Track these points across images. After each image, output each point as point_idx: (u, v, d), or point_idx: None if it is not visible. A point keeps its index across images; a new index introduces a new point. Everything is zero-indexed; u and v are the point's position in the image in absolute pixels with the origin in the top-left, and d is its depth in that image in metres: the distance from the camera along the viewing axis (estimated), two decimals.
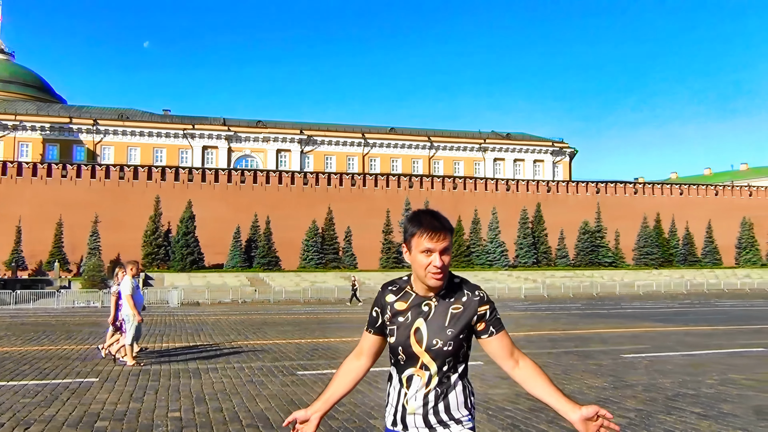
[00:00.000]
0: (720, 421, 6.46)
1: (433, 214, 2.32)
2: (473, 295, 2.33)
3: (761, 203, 78.33)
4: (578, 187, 74.14)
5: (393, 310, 2.39)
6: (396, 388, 2.39)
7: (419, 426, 2.31)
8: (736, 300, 37.70)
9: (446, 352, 2.28)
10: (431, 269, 2.27)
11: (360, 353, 2.55)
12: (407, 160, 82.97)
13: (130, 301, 10.28)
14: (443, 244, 2.27)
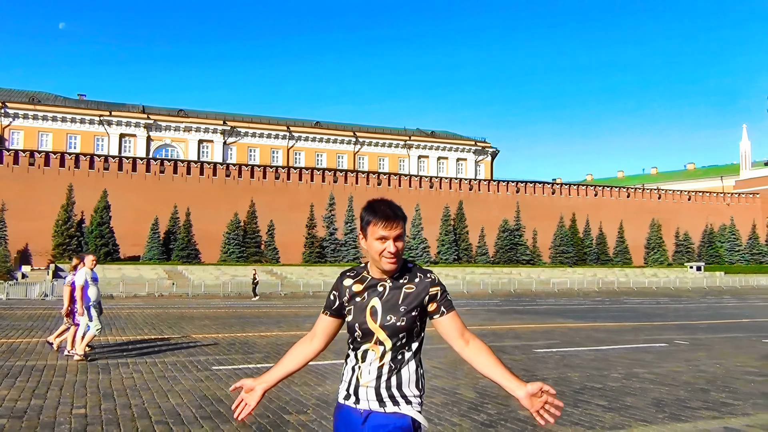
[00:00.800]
0: (623, 413, 6.74)
1: (387, 204, 2.47)
2: (425, 277, 2.48)
3: (669, 206, 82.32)
4: (499, 186, 75.84)
5: (351, 292, 2.52)
6: (351, 364, 2.50)
7: (370, 399, 2.41)
8: (643, 298, 39.51)
9: (399, 328, 2.40)
10: (386, 254, 2.42)
11: (313, 335, 2.67)
12: (332, 155, 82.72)
13: (78, 293, 10.10)
14: (396, 232, 2.42)
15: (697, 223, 79.79)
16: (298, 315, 21.68)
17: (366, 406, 2.43)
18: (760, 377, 9.18)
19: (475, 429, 5.99)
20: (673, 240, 77.76)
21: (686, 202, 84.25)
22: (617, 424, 6.26)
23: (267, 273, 52.16)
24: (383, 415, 2.40)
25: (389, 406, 2.40)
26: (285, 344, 12.60)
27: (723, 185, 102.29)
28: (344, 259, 61.77)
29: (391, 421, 2.39)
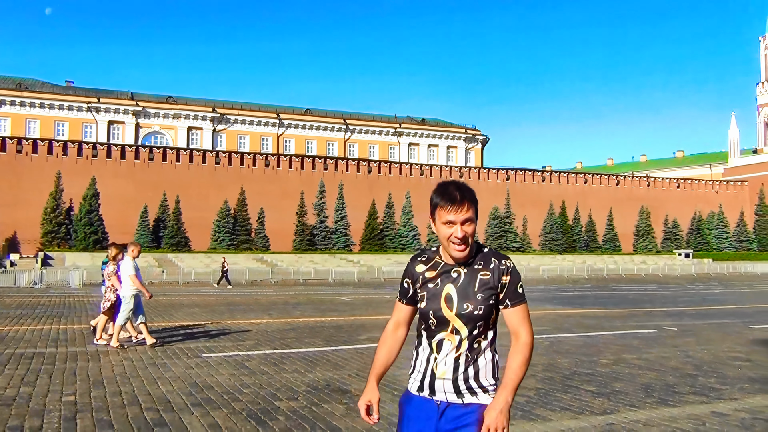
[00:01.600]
0: (612, 398, 6.79)
1: (457, 186, 2.39)
2: (500, 263, 2.40)
3: (658, 194, 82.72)
4: (489, 173, 75.94)
5: (423, 278, 2.44)
6: (425, 353, 2.43)
7: (448, 391, 2.36)
8: (632, 284, 39.78)
9: (477, 317, 2.34)
10: (453, 240, 2.35)
11: (398, 324, 2.59)
12: (322, 142, 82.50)
13: (135, 281, 10.20)
14: (465, 216, 2.34)
15: (685, 211, 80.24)
16: (288, 303, 21.68)
17: (443, 398, 2.38)
18: (747, 362, 9.27)
19: None
20: (662, 227, 78.20)
21: (675, 189, 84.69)
22: (606, 409, 6.30)
23: (257, 261, 52.08)
24: (461, 408, 2.36)
25: (467, 397, 2.36)
26: (275, 331, 12.60)
27: (711, 173, 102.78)
28: (335, 246, 61.78)
29: (470, 413, 2.35)
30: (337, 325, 13.87)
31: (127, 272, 10.28)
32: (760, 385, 7.55)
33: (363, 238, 63.90)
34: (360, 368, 8.50)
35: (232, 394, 6.84)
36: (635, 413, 6.12)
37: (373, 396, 2.56)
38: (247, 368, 8.45)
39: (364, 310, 18.56)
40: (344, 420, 5.82)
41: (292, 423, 5.69)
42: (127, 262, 10.40)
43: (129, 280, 10.24)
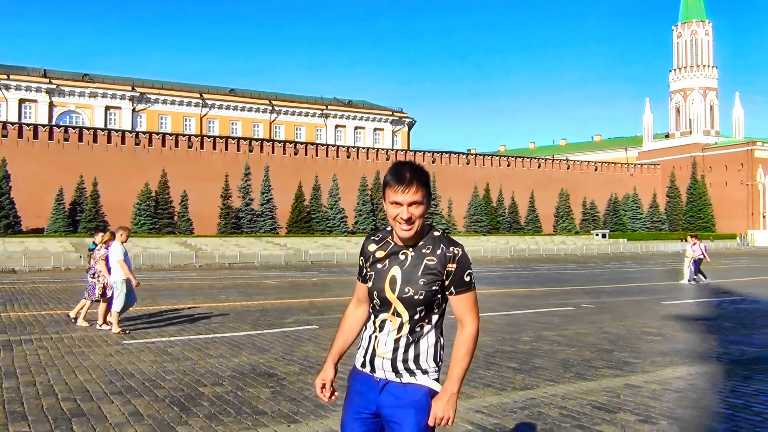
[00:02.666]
0: (532, 374, 7.01)
1: (410, 167, 2.35)
2: (447, 250, 2.37)
3: (577, 176, 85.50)
4: (416, 156, 76.52)
5: (374, 258, 2.46)
6: (369, 330, 2.47)
7: (386, 369, 2.39)
8: (552, 264, 41.04)
9: (417, 302, 2.34)
10: (398, 220, 2.33)
11: (358, 302, 2.61)
12: (247, 124, 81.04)
13: (123, 267, 10.06)
14: (412, 198, 2.32)
15: (602, 193, 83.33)
16: (213, 287, 21.30)
17: (382, 376, 2.41)
18: (658, 337, 9.74)
19: None
20: (580, 209, 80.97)
21: (593, 172, 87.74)
22: (527, 384, 6.50)
23: (181, 245, 50.87)
24: (400, 387, 2.39)
25: (405, 377, 2.39)
26: (200, 316, 12.36)
27: (627, 156, 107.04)
28: (261, 230, 61.01)
29: (409, 392, 2.38)
30: (264, 309, 13.73)
31: (116, 257, 10.15)
32: (670, 358, 7.95)
33: (290, 221, 63.37)
34: (286, 351, 8.46)
35: (154, 381, 6.68)
36: (554, 388, 6.34)
37: (326, 375, 2.59)
38: (170, 354, 8.27)
39: (291, 293, 18.45)
40: (270, 404, 5.79)
41: (217, 408, 5.61)
42: (116, 246, 10.27)
43: (117, 266, 10.12)
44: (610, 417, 5.27)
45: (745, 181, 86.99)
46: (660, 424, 5.07)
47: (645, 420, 5.18)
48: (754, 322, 11.34)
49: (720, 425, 5.06)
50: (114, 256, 10.19)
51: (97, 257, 10.82)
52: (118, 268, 10.12)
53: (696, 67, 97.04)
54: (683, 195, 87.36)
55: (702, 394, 6.10)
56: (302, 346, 8.86)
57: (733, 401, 5.79)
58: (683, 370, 7.21)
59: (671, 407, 5.59)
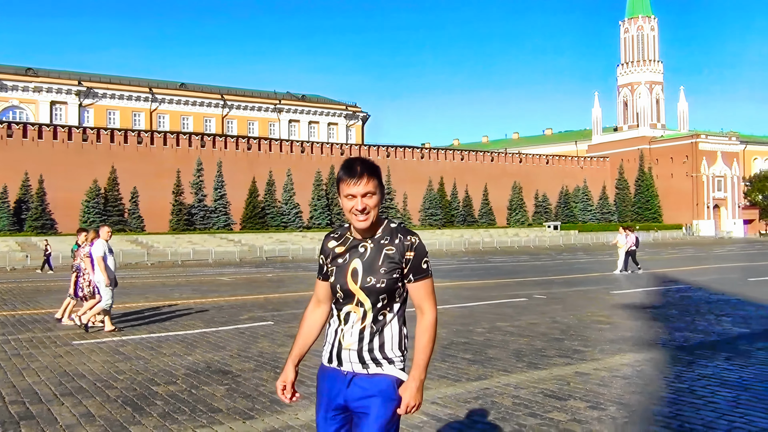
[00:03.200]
0: (486, 364, 7.13)
1: (359, 161, 2.46)
2: (405, 239, 2.48)
3: (529, 169, 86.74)
4: (370, 150, 76.53)
5: (333, 254, 2.54)
6: (334, 325, 2.53)
7: (353, 361, 2.46)
8: (506, 256, 41.64)
9: (379, 290, 2.42)
10: (354, 212, 2.43)
11: (318, 301, 2.67)
12: (199, 119, 79.78)
13: (101, 264, 10.07)
14: (364, 189, 2.42)
15: (554, 185, 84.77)
16: (165, 285, 20.97)
17: (350, 368, 2.47)
18: (607, 325, 10.01)
19: None
20: (533, 201, 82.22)
21: (545, 165, 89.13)
22: (481, 375, 6.61)
23: (131, 242, 49.89)
24: (367, 378, 2.46)
25: (372, 367, 2.45)
26: (152, 315, 12.17)
27: (577, 149, 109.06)
28: (214, 226, 60.23)
29: (375, 383, 2.45)
30: (218, 306, 13.60)
31: (96, 255, 10.15)
32: (618, 346, 8.18)
33: (244, 216, 62.72)
34: (241, 348, 8.41)
35: (105, 382, 6.57)
36: (507, 377, 6.46)
37: (287, 377, 2.62)
38: (122, 354, 8.14)
39: (245, 289, 18.30)
40: (225, 401, 5.76)
41: (171, 407, 5.55)
42: (98, 245, 10.25)
43: (96, 264, 10.15)
44: (561, 404, 5.41)
45: (690, 173, 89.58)
46: (608, 410, 5.22)
47: (594, 406, 5.34)
48: (698, 309, 11.74)
49: (665, 409, 5.24)
50: (95, 254, 10.18)
51: (81, 255, 10.79)
52: (102, 265, 10.15)
53: (642, 61, 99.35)
54: (632, 187, 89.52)
55: (648, 379, 6.30)
56: (257, 343, 8.82)
57: (678, 386, 6.00)
58: (631, 357, 7.43)
59: (619, 393, 5.77)
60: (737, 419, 4.91)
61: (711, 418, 4.94)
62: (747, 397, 5.53)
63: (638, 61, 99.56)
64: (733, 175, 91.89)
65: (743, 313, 11.08)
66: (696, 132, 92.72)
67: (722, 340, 8.45)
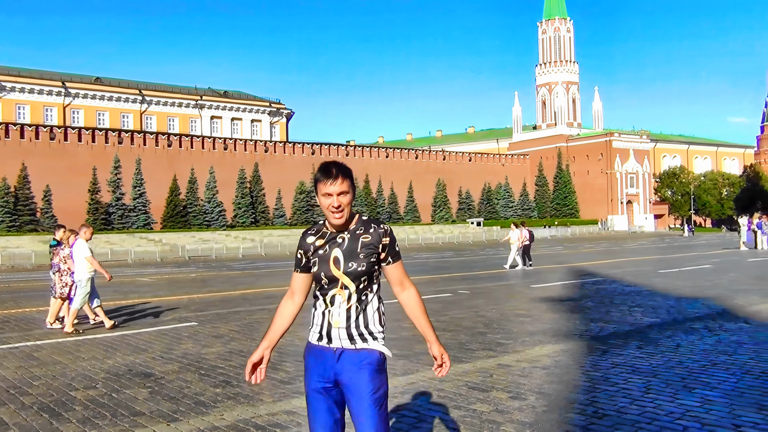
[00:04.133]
0: (413, 359, 7.23)
1: (333, 164, 2.77)
2: (379, 228, 2.82)
3: (452, 167, 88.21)
4: (295, 148, 75.98)
5: (314, 247, 2.82)
6: (321, 308, 2.81)
7: (343, 338, 2.76)
8: (431, 253, 42.24)
9: (360, 273, 2.74)
10: (331, 209, 2.73)
11: (292, 293, 2.94)
12: (116, 114, 77.11)
13: (94, 262, 10.17)
14: (339, 188, 2.72)
15: (477, 182, 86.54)
16: None
17: (338, 345, 2.76)
18: (528, 318, 10.34)
19: (274, 387, 6.10)
20: (456, 198, 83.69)
21: (468, 162, 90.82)
22: (407, 370, 6.71)
23: (45, 243, 47.70)
24: (354, 352, 2.76)
25: (359, 343, 2.76)
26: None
27: (499, 147, 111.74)
28: (133, 225, 58.42)
29: (363, 356, 2.75)
30: (139, 307, 13.23)
31: (84, 254, 10.16)
32: (538, 338, 8.47)
33: (165, 215, 61.11)
34: (164, 350, 8.23)
35: (20, 388, 6.30)
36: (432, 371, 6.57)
37: (256, 358, 2.87)
38: (37, 359, 7.82)
39: (168, 290, 17.86)
40: (148, 404, 5.63)
41: (90, 412, 5.39)
42: (81, 244, 10.27)
43: (86, 263, 10.15)
44: (484, 396, 5.57)
45: (605, 170, 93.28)
46: (529, 400, 5.42)
47: (515, 396, 5.52)
48: (612, 300, 12.27)
49: (581, 396, 5.48)
50: (81, 253, 10.17)
51: (62, 255, 10.74)
52: (85, 265, 10.15)
53: (559, 62, 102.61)
54: (551, 183, 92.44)
55: (566, 369, 6.56)
56: (181, 344, 8.66)
57: (593, 374, 6.28)
58: (550, 348, 7.71)
59: (539, 383, 5.98)
60: (647, 404, 5.19)
61: (624, 404, 5.20)
62: (656, 383, 5.84)
63: (555, 62, 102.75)
64: (644, 172, 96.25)
65: (653, 303, 11.66)
66: (610, 131, 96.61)
67: (634, 329, 8.88)
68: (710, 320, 9.45)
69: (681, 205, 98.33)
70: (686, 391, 5.55)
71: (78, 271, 10.17)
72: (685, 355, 7.05)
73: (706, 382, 5.84)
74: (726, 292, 13.03)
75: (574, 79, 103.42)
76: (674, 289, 14.04)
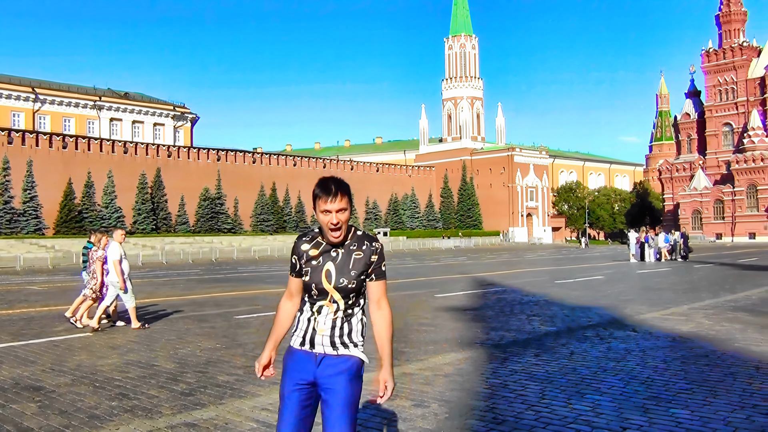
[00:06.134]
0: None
1: (333, 180, 2.84)
2: (371, 245, 2.89)
3: (360, 176, 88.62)
4: (200, 153, 74.18)
5: (307, 255, 2.89)
6: (307, 314, 2.90)
7: (325, 345, 2.85)
8: None
9: (350, 289, 2.84)
10: (329, 226, 2.80)
11: (291, 294, 3.01)
12: (5, 112, 72.56)
13: (117, 268, 10.44)
14: (338, 206, 2.79)
15: (384, 193, 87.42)
16: None
17: (321, 351, 2.85)
18: (431, 327, 10.53)
19: (173, 398, 5.93)
20: (364, 208, 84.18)
21: (375, 173, 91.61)
22: None
23: None
24: (335, 357, 2.85)
25: (341, 350, 2.85)
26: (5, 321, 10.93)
27: (406, 158, 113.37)
28: (23, 230, 55.19)
29: (342, 362, 2.84)
30: (28, 317, 12.52)
31: (112, 258, 10.51)
32: (441, 346, 8.64)
33: (58, 220, 58.08)
34: (55, 362, 7.82)
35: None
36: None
37: (266, 359, 3.02)
38: None
39: (60, 299, 16.96)
40: (37, 419, 5.34)
41: None
42: (113, 247, 10.58)
43: (112, 266, 10.48)
44: (387, 404, 5.62)
45: (506, 183, 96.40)
46: (431, 407, 5.52)
47: (419, 404, 5.61)
48: (512, 309, 12.69)
49: (482, 403, 5.65)
50: (110, 256, 10.54)
51: (94, 257, 11.01)
52: (114, 268, 10.49)
53: (465, 77, 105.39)
54: (455, 195, 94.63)
55: (468, 377, 6.73)
56: (74, 356, 8.25)
57: (493, 381, 6.48)
58: (452, 356, 7.89)
59: (442, 391, 6.11)
60: (543, 409, 5.41)
61: (521, 410, 5.40)
62: (551, 389, 6.10)
63: (461, 77, 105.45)
64: (543, 186, 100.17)
65: (550, 312, 12.16)
66: (512, 145, 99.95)
67: (532, 337, 9.22)
68: (601, 328, 9.94)
69: (577, 218, 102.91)
70: (579, 396, 5.82)
71: (111, 273, 10.55)
72: (578, 362, 7.39)
73: (597, 387, 6.15)
74: (616, 302, 13.75)
75: (478, 94, 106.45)
76: (569, 298, 14.68)
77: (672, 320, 10.71)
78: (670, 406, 5.42)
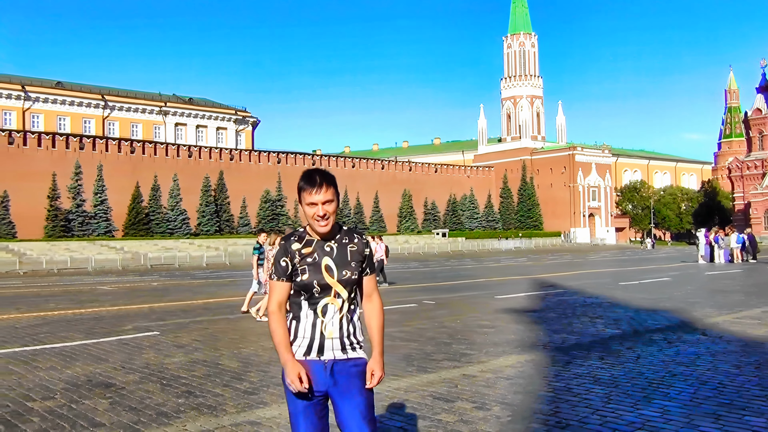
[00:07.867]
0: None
1: (317, 172, 2.82)
2: (362, 239, 2.90)
3: (419, 177, 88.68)
4: (260, 156, 75.54)
5: (300, 254, 2.79)
6: (309, 319, 2.79)
7: (335, 348, 2.77)
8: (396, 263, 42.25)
9: (353, 281, 2.80)
10: (315, 217, 2.75)
11: (282, 303, 2.84)
12: (77, 119, 75.73)
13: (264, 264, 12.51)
14: (324, 197, 2.75)
15: (442, 194, 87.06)
16: (39, 295, 19.76)
17: (331, 356, 2.77)
18: (492, 329, 10.41)
19: (237, 397, 6.03)
20: (422, 209, 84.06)
21: (433, 174, 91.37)
22: None
23: (1, 250, 46.55)
24: (345, 362, 2.78)
25: (350, 352, 2.79)
26: (25, 327, 11.44)
27: (464, 159, 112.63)
28: (94, 232, 57.31)
29: (354, 365, 2.79)
30: (99, 317, 12.99)
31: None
32: (502, 348, 8.54)
33: (127, 223, 60.12)
34: (125, 360, 8.08)
35: None
36: (398, 381, 6.59)
37: (299, 368, 2.75)
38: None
39: (128, 299, 17.56)
40: (108, 414, 5.52)
41: (48, 423, 5.26)
42: None
43: None
44: (449, 406, 5.59)
45: (568, 183, 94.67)
46: (493, 410, 5.46)
47: (480, 407, 5.55)
48: (574, 312, 12.44)
49: (544, 407, 5.54)
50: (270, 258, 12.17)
51: (270, 256, 12.28)
52: None
53: (524, 76, 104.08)
54: (515, 196, 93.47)
55: (530, 379, 6.62)
56: (143, 354, 8.51)
57: (556, 384, 6.35)
58: (514, 359, 7.78)
59: (503, 393, 6.03)
60: (609, 414, 5.27)
61: (585, 414, 5.27)
62: (617, 393, 5.94)
63: (520, 76, 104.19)
64: (605, 186, 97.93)
65: (614, 315, 11.86)
66: (573, 144, 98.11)
67: (596, 340, 9.01)
68: (669, 332, 9.64)
69: (641, 218, 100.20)
70: (646, 401, 5.65)
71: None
72: (645, 366, 7.18)
73: (666, 392, 5.96)
74: (684, 305, 13.31)
75: (538, 93, 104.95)
76: (634, 300, 14.29)
77: (743, 324, 10.29)
78: (744, 414, 5.20)
